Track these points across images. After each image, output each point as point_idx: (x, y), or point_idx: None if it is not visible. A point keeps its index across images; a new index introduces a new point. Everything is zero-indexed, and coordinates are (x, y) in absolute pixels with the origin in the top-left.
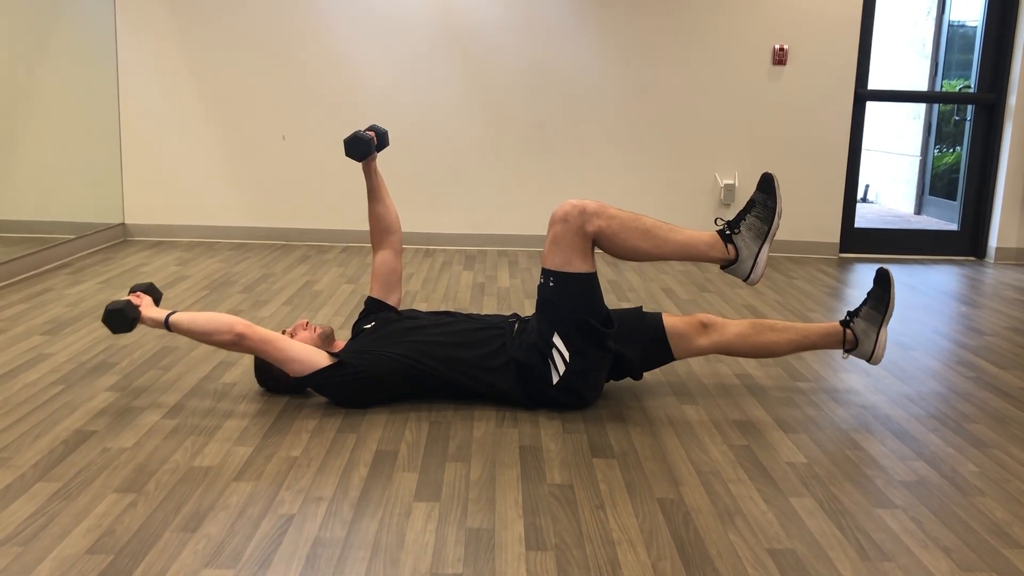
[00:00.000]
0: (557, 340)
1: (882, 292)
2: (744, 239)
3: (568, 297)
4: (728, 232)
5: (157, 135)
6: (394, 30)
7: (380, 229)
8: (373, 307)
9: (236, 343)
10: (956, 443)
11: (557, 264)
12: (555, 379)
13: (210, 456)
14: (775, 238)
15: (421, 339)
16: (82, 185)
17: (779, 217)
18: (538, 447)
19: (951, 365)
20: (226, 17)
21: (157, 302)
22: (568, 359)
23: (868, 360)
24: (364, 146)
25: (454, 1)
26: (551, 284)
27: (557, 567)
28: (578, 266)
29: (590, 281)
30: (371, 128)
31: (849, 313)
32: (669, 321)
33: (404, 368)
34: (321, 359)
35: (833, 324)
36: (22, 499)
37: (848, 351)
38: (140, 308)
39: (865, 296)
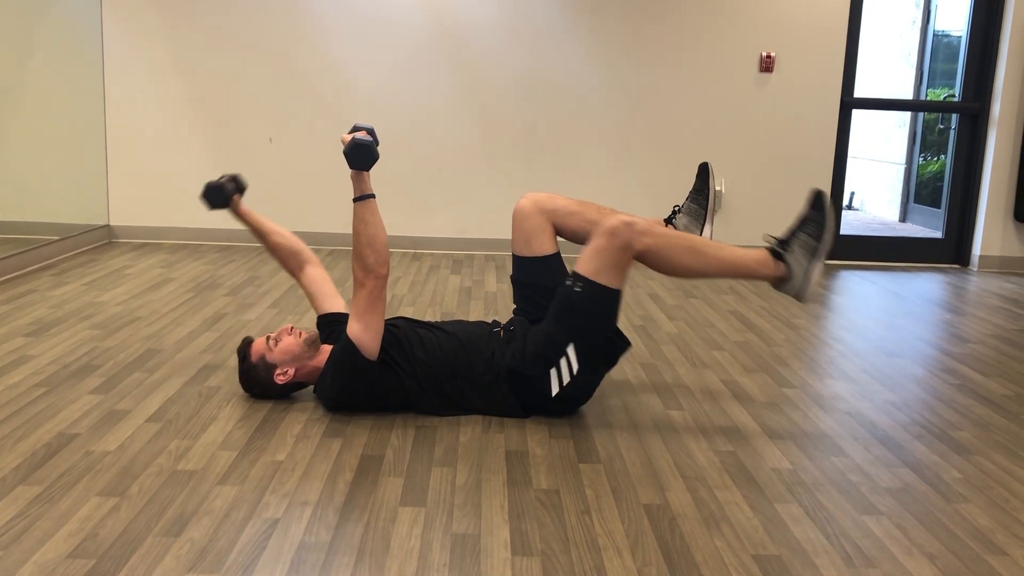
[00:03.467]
0: (571, 350)
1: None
2: (795, 256)
3: (594, 309)
4: (779, 250)
5: (143, 136)
6: (384, 32)
7: (287, 255)
8: (331, 322)
9: (375, 274)
10: (940, 450)
11: (591, 271)
12: (555, 390)
13: (194, 460)
14: (823, 257)
15: (420, 363)
16: (67, 186)
17: (829, 233)
18: (524, 452)
19: (935, 372)
20: (214, 18)
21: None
22: (576, 371)
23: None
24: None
25: (444, 4)
26: (577, 289)
27: (543, 572)
28: (611, 280)
29: (617, 298)
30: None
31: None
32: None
33: (404, 392)
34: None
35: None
36: (3, 502)
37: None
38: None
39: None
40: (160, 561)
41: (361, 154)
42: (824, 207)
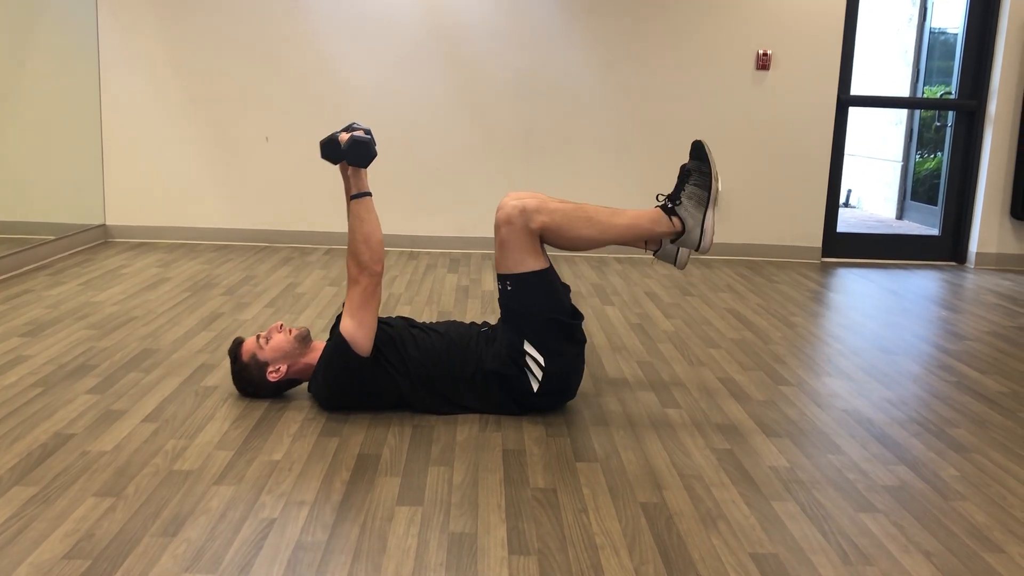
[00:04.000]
0: (528, 347)
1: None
2: (687, 209)
3: (529, 299)
4: (670, 205)
5: (139, 136)
6: (381, 32)
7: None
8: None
9: (370, 271)
10: (937, 447)
11: (510, 267)
12: (535, 386)
13: (190, 460)
14: (716, 203)
15: (415, 363)
16: (63, 186)
17: (716, 180)
18: (521, 451)
19: (932, 370)
20: (210, 17)
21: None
22: (544, 363)
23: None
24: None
25: (442, 3)
26: (509, 288)
27: (540, 571)
28: (531, 264)
29: (547, 276)
30: (347, 128)
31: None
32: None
33: (399, 392)
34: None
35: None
36: None
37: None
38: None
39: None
40: (156, 561)
41: (360, 151)
42: (706, 155)
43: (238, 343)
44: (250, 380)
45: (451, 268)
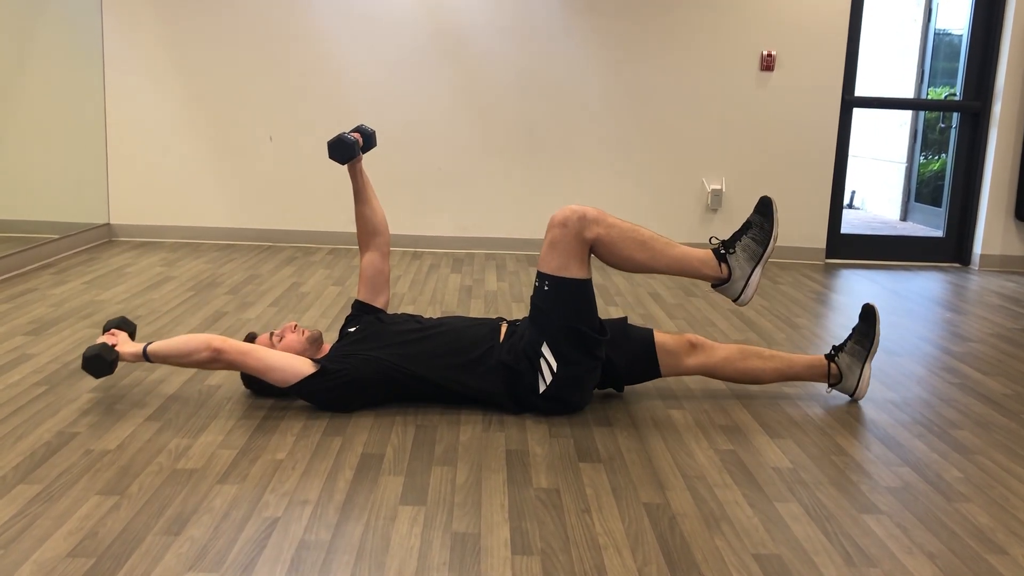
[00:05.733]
0: (545, 349)
1: (867, 328)
2: (738, 259)
3: (561, 303)
4: (723, 252)
5: (143, 135)
6: (383, 31)
7: (366, 231)
8: (360, 310)
9: (215, 359)
10: (941, 449)
11: (553, 268)
12: (542, 387)
13: (194, 458)
14: (766, 262)
15: (406, 343)
16: (67, 185)
17: (775, 241)
18: (524, 451)
19: (936, 371)
20: (214, 17)
21: (132, 335)
22: (556, 368)
23: (851, 396)
24: (348, 149)
25: (444, 3)
26: (546, 288)
27: (543, 571)
28: (574, 271)
29: (585, 288)
30: (357, 129)
31: (834, 347)
32: (659, 337)
33: (386, 372)
34: (304, 367)
35: (818, 357)
36: (3, 501)
37: (832, 385)
38: (117, 348)
39: (850, 331)
40: (160, 560)
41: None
42: (772, 214)
43: (251, 338)
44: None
45: (454, 268)
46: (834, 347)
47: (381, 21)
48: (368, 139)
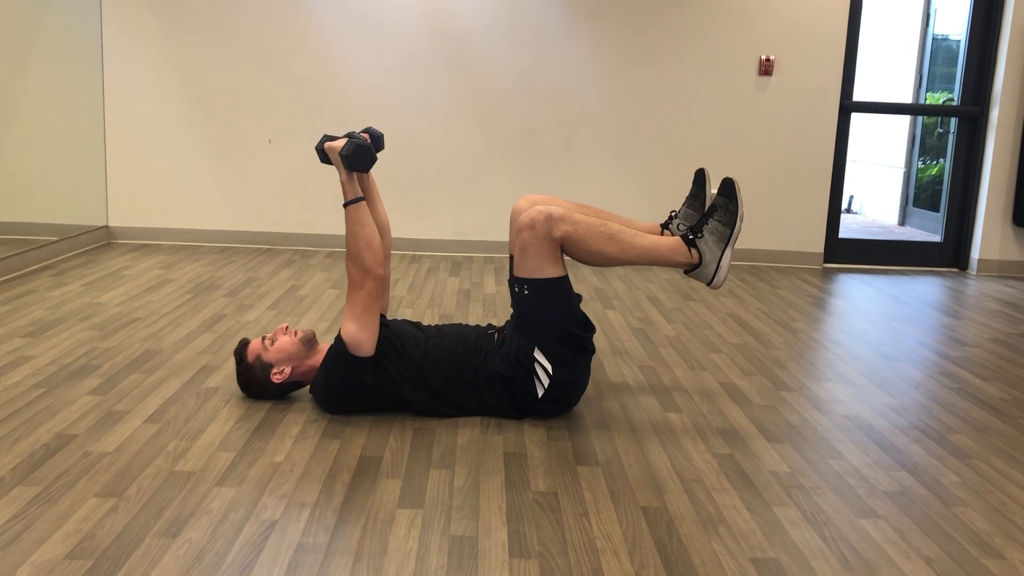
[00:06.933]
0: (537, 354)
1: (697, 190)
2: (707, 243)
3: (544, 306)
4: (691, 237)
5: (142, 137)
6: (384, 35)
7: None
8: None
9: (374, 275)
10: (938, 453)
11: (528, 271)
12: (540, 392)
13: (192, 461)
14: (735, 243)
15: (411, 356)
16: (66, 187)
17: (741, 221)
18: (522, 454)
19: (933, 376)
20: (213, 19)
21: (381, 141)
22: (552, 371)
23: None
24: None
25: (445, 7)
26: (525, 292)
27: (541, 575)
28: (550, 271)
29: (563, 285)
30: (366, 131)
31: (691, 228)
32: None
33: (400, 396)
34: (370, 346)
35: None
36: (1, 503)
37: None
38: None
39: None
40: (158, 562)
41: (362, 156)
42: (735, 194)
43: (244, 344)
44: (254, 381)
45: (453, 272)
46: (690, 227)
47: (382, 24)
48: (376, 140)
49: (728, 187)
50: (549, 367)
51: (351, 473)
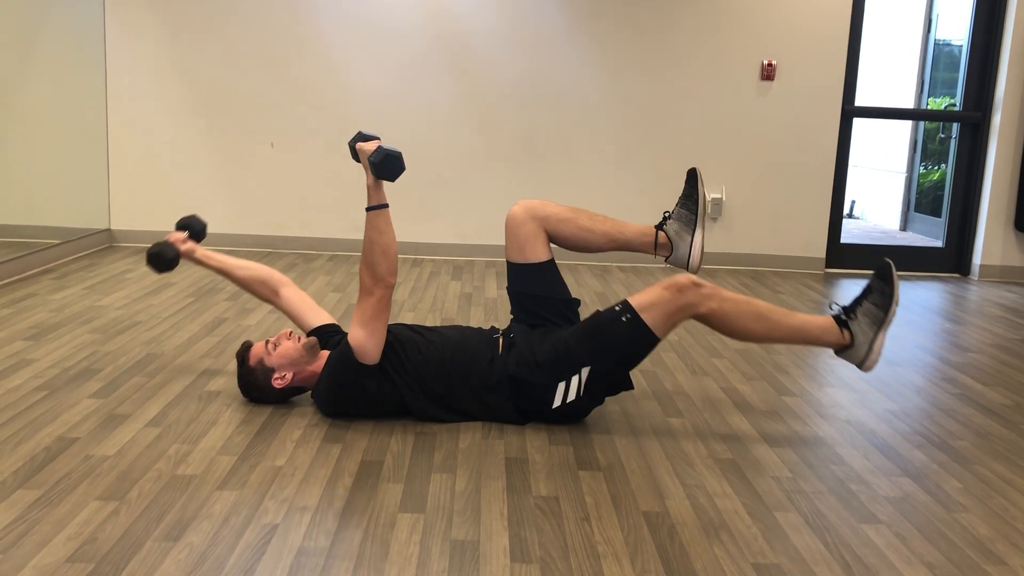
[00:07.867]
0: (584, 372)
1: (691, 189)
2: (860, 325)
3: (624, 341)
4: (844, 318)
5: (145, 141)
6: (385, 39)
7: (257, 284)
8: (325, 333)
9: (385, 283)
10: (940, 459)
11: (642, 307)
12: (556, 403)
13: (193, 464)
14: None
15: (412, 361)
16: (68, 190)
17: (896, 304)
18: (524, 459)
19: (935, 381)
20: (216, 23)
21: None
22: (582, 393)
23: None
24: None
25: (446, 10)
26: (624, 319)
27: None
28: (658, 327)
29: (653, 346)
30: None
31: (845, 308)
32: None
33: (403, 403)
34: (376, 354)
35: (648, 226)
36: (2, 506)
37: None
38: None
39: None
40: (159, 566)
41: (391, 165)
42: (892, 278)
43: (246, 347)
44: (255, 385)
45: (454, 275)
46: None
47: (383, 28)
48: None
49: (885, 270)
50: (582, 390)
51: (352, 477)
